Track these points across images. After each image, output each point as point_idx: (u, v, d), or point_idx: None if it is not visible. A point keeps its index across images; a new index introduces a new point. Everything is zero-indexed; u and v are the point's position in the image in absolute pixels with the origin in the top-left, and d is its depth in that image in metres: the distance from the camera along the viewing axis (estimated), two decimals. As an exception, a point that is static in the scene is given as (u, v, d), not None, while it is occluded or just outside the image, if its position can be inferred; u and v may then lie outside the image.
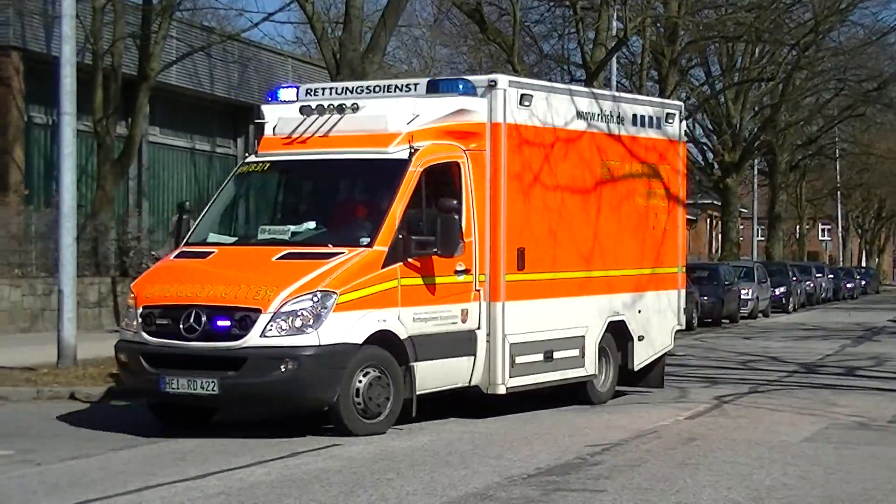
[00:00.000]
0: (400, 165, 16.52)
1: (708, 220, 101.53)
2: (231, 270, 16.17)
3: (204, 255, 16.59)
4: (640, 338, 20.02)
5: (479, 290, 17.24)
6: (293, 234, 16.73)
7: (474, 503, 11.92)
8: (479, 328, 17.27)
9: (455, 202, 16.57)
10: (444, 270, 16.71)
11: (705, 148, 64.06)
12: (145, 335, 15.69)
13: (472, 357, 17.18)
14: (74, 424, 16.84)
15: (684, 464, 14.41)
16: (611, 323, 19.43)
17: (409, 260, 16.26)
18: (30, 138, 34.81)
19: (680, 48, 48.47)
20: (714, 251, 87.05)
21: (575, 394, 19.11)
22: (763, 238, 79.65)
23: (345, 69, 27.39)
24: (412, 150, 16.53)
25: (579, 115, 19.14)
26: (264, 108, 17.96)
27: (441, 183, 16.90)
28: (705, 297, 43.30)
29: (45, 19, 33.39)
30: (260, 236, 17.06)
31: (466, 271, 17.06)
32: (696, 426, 17.70)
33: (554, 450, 15.21)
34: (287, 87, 18.49)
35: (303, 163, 17.45)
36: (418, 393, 16.26)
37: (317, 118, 17.05)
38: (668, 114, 21.12)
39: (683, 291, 21.48)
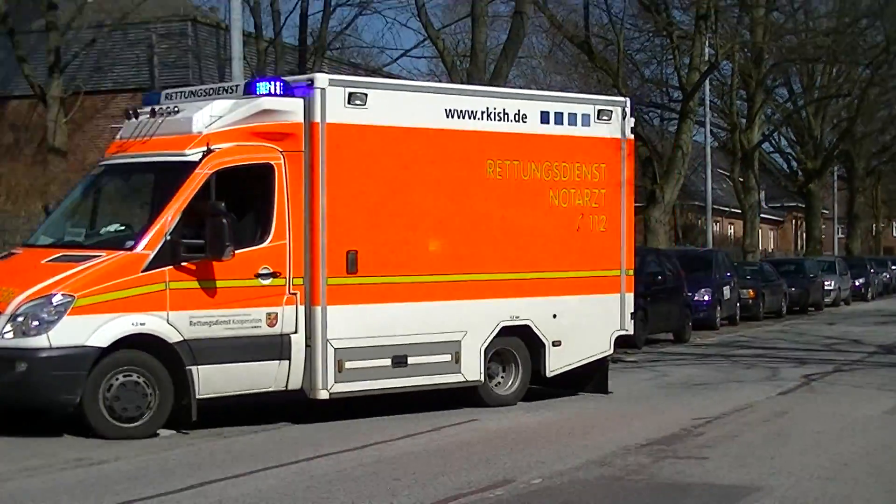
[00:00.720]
0: (187, 168, 14.20)
1: (794, 221, 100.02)
2: (6, 272, 14.30)
3: (9, 255, 15.10)
4: (556, 343, 16.32)
5: (294, 294, 14.56)
6: (89, 236, 15.08)
7: (595, 469, 11.98)
8: (295, 332, 14.55)
9: (222, 205, 13.91)
10: (241, 273, 14.22)
11: (790, 157, 63.32)
12: None
13: (286, 361, 14.50)
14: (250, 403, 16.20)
15: (778, 434, 14.37)
16: (508, 328, 16.01)
17: (184, 263, 13.89)
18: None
19: (765, 70, 47.95)
20: (799, 248, 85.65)
21: (469, 395, 16.09)
22: (843, 236, 78.32)
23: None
24: (205, 153, 14.19)
25: (450, 113, 15.63)
26: None
27: (249, 185, 14.60)
28: (793, 289, 42.91)
29: (218, 61, 33.90)
30: (65, 238, 15.10)
31: (275, 274, 14.45)
32: (787, 401, 17.59)
33: (662, 423, 15.17)
34: (156, 93, 16.49)
35: (119, 166, 15.63)
36: (206, 396, 13.94)
37: (145, 122, 15.17)
38: (600, 111, 16.68)
39: (629, 295, 16.95)
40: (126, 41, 33.72)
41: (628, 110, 16.79)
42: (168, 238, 13.80)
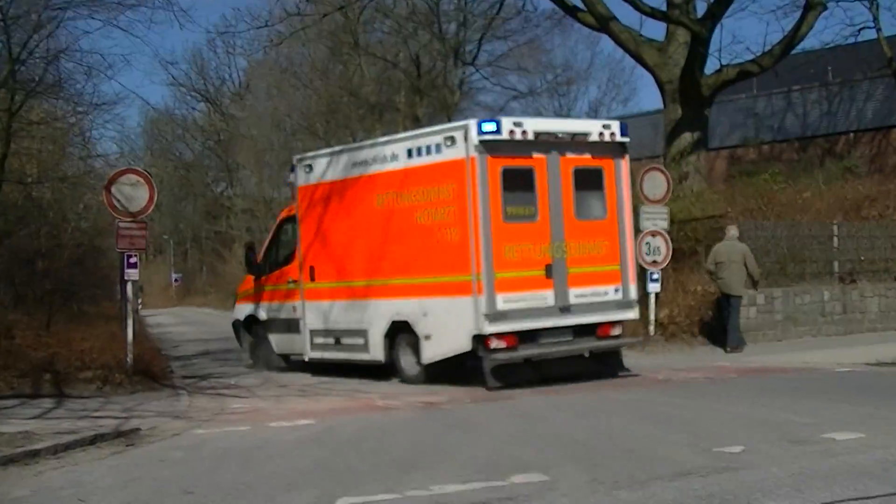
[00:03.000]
0: (275, 222, 17.95)
1: None
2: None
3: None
4: (427, 337, 13.59)
5: (302, 294, 16.02)
6: None
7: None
8: (304, 318, 15.86)
9: (250, 245, 18.46)
10: (283, 281, 16.47)
11: None
12: None
13: (301, 335, 16.08)
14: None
15: None
16: (396, 322, 14.01)
17: (261, 277, 16.99)
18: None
19: None
20: None
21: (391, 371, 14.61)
22: None
23: None
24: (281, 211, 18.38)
25: (356, 164, 14.50)
26: None
27: (295, 227, 16.39)
28: None
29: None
30: None
31: (296, 282, 16.12)
32: None
33: None
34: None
35: None
36: (280, 353, 16.80)
37: None
38: (445, 138, 13.10)
39: (483, 298, 12.78)
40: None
41: (472, 132, 12.81)
42: (263, 264, 17.09)
